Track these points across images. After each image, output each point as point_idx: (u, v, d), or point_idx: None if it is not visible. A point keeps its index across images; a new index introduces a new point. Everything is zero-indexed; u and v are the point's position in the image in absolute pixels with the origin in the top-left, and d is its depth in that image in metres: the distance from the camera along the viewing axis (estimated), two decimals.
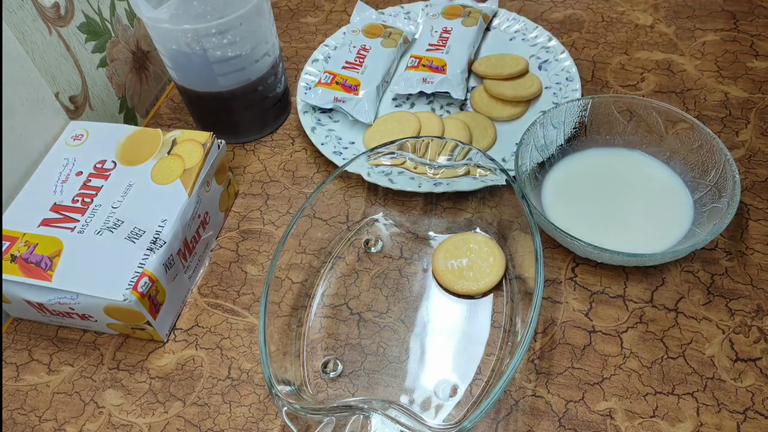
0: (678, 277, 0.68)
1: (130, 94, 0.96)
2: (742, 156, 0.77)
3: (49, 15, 0.78)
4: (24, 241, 0.66)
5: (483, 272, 0.68)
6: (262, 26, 0.77)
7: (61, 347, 0.69)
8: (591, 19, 0.98)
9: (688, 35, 0.93)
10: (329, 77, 0.87)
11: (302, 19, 1.06)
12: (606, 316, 0.66)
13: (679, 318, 0.65)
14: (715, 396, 0.59)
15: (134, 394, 0.65)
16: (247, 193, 0.82)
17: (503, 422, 0.60)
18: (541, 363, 0.63)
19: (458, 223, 0.75)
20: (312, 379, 0.64)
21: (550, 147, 0.74)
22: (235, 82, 0.79)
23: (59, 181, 0.71)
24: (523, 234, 0.65)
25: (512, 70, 0.85)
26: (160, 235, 0.66)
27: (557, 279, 0.69)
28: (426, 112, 0.84)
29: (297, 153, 0.86)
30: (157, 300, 0.65)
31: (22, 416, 0.65)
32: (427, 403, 0.61)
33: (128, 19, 0.94)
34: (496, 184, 0.71)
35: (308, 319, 0.68)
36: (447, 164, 0.71)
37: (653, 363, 0.62)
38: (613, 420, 0.59)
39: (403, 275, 0.71)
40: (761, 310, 0.64)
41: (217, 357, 0.67)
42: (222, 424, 0.62)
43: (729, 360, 0.61)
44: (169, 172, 0.71)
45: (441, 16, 0.95)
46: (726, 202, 0.64)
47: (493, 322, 0.66)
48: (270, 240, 0.76)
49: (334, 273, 0.72)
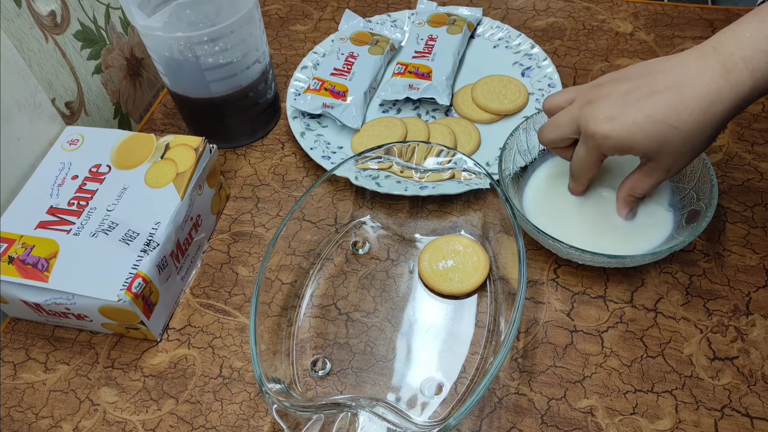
0: (657, 278, 0.69)
1: (125, 99, 0.97)
2: (720, 160, 0.78)
3: (46, 23, 0.79)
4: (21, 243, 0.66)
5: (468, 273, 0.69)
6: (253, 34, 0.78)
7: (58, 346, 0.70)
8: (573, 27, 0.99)
9: (667, 43, 0.94)
10: (318, 83, 0.88)
11: (292, 27, 1.06)
12: (587, 316, 0.67)
13: (658, 318, 0.66)
14: (694, 394, 0.61)
15: (128, 391, 0.66)
16: (238, 197, 0.82)
17: (487, 419, 0.61)
18: (524, 362, 0.64)
19: (443, 225, 0.75)
20: (301, 378, 0.65)
21: (533, 151, 0.75)
22: (227, 88, 0.80)
23: (55, 184, 0.72)
24: (506, 236, 0.66)
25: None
26: (153, 238, 0.66)
27: (540, 280, 0.70)
28: (412, 118, 0.85)
29: (287, 157, 0.86)
30: (150, 300, 0.66)
31: (20, 413, 0.65)
32: (413, 401, 0.62)
33: (122, 27, 0.95)
34: (480, 188, 0.72)
35: (297, 318, 0.69)
36: (433, 168, 0.72)
37: (633, 362, 0.63)
38: (594, 417, 0.60)
39: (390, 276, 0.72)
40: (738, 310, 0.66)
41: (209, 356, 0.68)
42: (214, 421, 0.63)
43: (707, 359, 0.63)
44: (163, 175, 0.72)
45: (427, 24, 0.95)
46: (704, 205, 0.65)
47: (478, 321, 0.67)
48: (260, 242, 0.77)
49: (323, 274, 0.72)
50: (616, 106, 0.58)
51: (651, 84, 0.57)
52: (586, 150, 0.62)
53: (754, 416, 0.59)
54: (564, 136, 0.64)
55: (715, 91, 0.54)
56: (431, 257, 0.70)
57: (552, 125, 0.65)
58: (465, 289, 0.68)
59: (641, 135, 0.57)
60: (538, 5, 1.03)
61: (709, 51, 0.55)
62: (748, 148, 0.79)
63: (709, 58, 0.55)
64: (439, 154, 0.71)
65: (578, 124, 0.62)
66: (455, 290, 0.68)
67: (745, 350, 0.63)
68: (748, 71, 0.53)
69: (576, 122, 0.62)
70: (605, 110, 0.59)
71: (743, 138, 0.80)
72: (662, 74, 0.57)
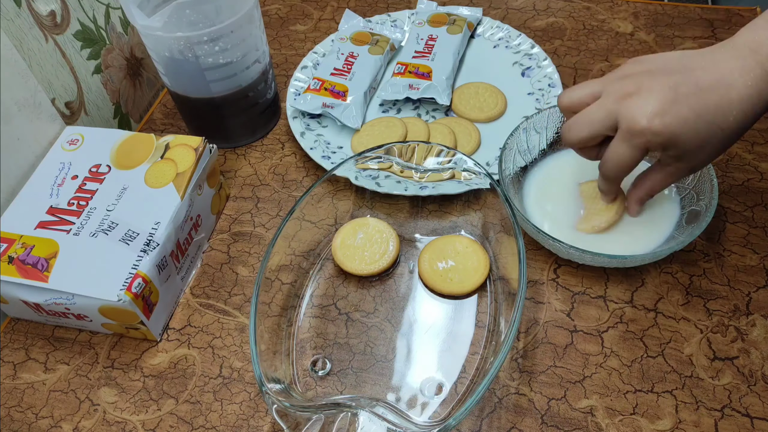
0: (657, 278, 0.69)
1: (125, 99, 0.97)
2: (720, 160, 0.78)
3: (46, 23, 0.79)
4: (21, 243, 0.66)
5: (467, 273, 0.69)
6: (253, 34, 0.78)
7: (57, 346, 0.70)
8: (573, 26, 1.00)
9: (667, 42, 0.95)
10: (318, 83, 0.88)
11: (292, 26, 1.07)
12: (587, 316, 0.67)
13: (658, 318, 0.66)
14: (694, 394, 0.61)
15: (128, 392, 0.66)
16: (238, 197, 0.82)
17: (487, 419, 0.61)
18: (524, 362, 0.64)
19: (443, 225, 0.75)
20: (301, 378, 0.65)
21: (533, 151, 0.75)
22: (227, 88, 0.80)
23: (55, 184, 0.72)
24: (506, 236, 0.66)
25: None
26: (153, 237, 0.67)
27: (540, 280, 0.70)
28: (412, 118, 0.85)
29: (287, 157, 0.87)
30: (150, 300, 0.66)
31: (19, 413, 0.65)
32: (413, 401, 0.62)
33: (122, 27, 0.95)
34: (480, 188, 0.72)
35: (297, 318, 0.69)
36: (433, 168, 0.72)
37: (633, 362, 0.63)
38: (594, 417, 0.60)
39: (390, 276, 0.72)
40: (738, 310, 0.66)
41: (209, 356, 0.68)
42: (214, 421, 0.63)
43: (707, 359, 0.63)
44: (162, 175, 0.72)
45: (427, 24, 0.96)
46: (704, 205, 0.65)
47: (478, 322, 0.67)
48: (260, 242, 0.77)
49: (323, 274, 0.73)
50: (667, 101, 0.54)
51: (695, 80, 0.55)
52: (629, 147, 0.57)
53: (754, 416, 0.59)
54: (598, 132, 0.60)
55: (756, 95, 0.53)
56: (431, 257, 0.70)
57: (583, 122, 0.60)
58: (465, 289, 0.68)
59: (691, 133, 0.55)
60: (538, 5, 1.03)
61: (746, 52, 0.54)
62: (748, 148, 0.79)
63: (748, 59, 0.53)
64: (439, 154, 0.71)
65: (617, 119, 0.57)
66: (455, 290, 0.68)
67: (745, 350, 0.63)
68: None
69: (614, 117, 0.58)
70: (653, 104, 0.55)
71: (743, 138, 0.80)
72: (703, 71, 0.55)
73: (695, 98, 0.54)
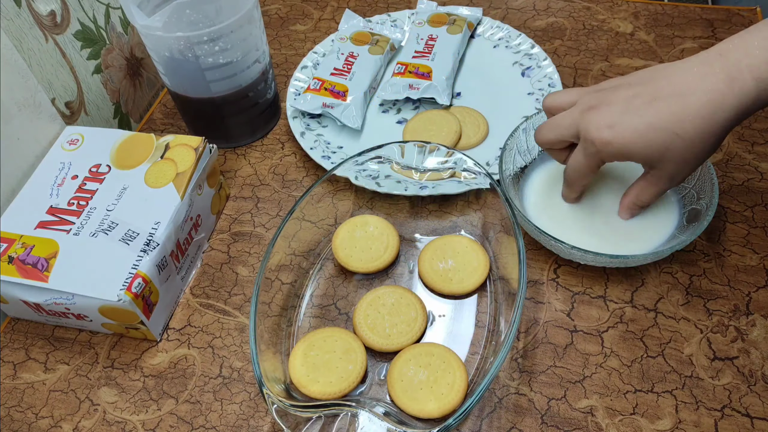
0: (657, 278, 0.69)
1: (125, 99, 0.97)
2: (720, 160, 0.78)
3: (46, 23, 0.79)
4: (21, 242, 0.66)
5: (467, 273, 0.68)
6: (253, 34, 0.78)
7: (57, 346, 0.70)
8: (573, 26, 0.99)
9: (667, 42, 0.94)
10: (318, 83, 0.88)
11: (292, 26, 1.07)
12: (587, 316, 0.67)
13: (658, 318, 0.66)
14: (694, 394, 0.61)
15: (128, 391, 0.66)
16: (238, 197, 0.82)
17: (487, 419, 0.61)
18: (524, 362, 0.64)
19: (443, 225, 0.75)
20: None
21: (533, 151, 0.75)
22: (227, 88, 0.80)
23: (55, 184, 0.72)
24: (506, 236, 0.66)
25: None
26: (153, 237, 0.67)
27: (540, 280, 0.70)
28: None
29: (287, 157, 0.87)
30: (150, 300, 0.66)
31: (19, 413, 0.65)
32: None
33: (122, 27, 0.95)
34: (480, 188, 0.72)
35: (297, 318, 0.69)
36: (433, 168, 0.72)
37: (633, 362, 0.63)
38: (594, 417, 0.60)
39: (390, 276, 0.72)
40: (738, 310, 0.66)
41: (209, 356, 0.68)
42: (214, 421, 0.63)
43: (707, 359, 0.63)
44: (162, 175, 0.72)
45: (427, 24, 0.96)
46: (705, 205, 0.65)
47: (478, 321, 0.67)
48: (260, 242, 0.77)
49: (323, 274, 0.72)
50: (618, 113, 0.58)
51: (653, 91, 0.57)
52: (585, 155, 0.62)
53: (754, 416, 0.59)
54: (562, 138, 0.64)
55: (717, 99, 0.54)
56: (431, 257, 0.70)
57: (551, 126, 0.65)
58: (465, 289, 0.68)
59: (642, 142, 0.57)
60: (538, 5, 1.03)
61: (715, 58, 0.55)
62: (748, 148, 0.79)
63: (714, 65, 0.55)
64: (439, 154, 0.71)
65: (578, 129, 0.61)
66: (455, 290, 0.68)
67: (745, 350, 0.63)
68: (753, 80, 0.53)
69: (576, 126, 0.61)
70: (606, 117, 0.58)
71: (743, 138, 0.80)
72: (665, 81, 0.57)
73: (647, 108, 0.57)
